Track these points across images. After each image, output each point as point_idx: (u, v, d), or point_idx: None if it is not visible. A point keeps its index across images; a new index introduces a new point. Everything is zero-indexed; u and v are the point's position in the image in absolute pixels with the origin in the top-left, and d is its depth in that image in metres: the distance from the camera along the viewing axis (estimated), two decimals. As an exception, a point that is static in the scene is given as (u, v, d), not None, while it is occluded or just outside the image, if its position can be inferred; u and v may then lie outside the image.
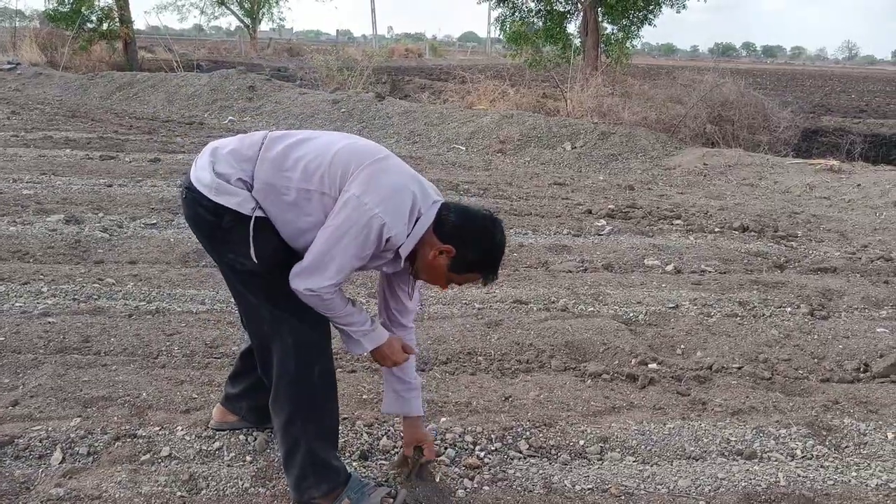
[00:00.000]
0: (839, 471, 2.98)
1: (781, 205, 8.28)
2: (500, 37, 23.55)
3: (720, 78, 13.21)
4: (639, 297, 4.96)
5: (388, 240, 2.22)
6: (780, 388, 3.76)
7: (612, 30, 20.98)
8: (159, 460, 2.86)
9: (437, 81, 20.89)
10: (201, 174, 2.32)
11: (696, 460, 3.03)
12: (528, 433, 3.14)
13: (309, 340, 2.43)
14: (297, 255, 2.34)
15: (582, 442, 3.10)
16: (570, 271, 5.55)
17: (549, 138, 11.46)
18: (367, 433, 3.08)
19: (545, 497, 2.72)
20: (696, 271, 5.65)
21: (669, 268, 5.68)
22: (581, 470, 2.91)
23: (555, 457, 3.00)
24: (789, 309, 4.82)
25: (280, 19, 46.66)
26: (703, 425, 3.27)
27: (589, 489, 2.78)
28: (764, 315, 4.72)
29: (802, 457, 3.08)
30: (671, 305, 4.81)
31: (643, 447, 3.09)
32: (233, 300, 2.52)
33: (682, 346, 4.20)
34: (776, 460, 3.04)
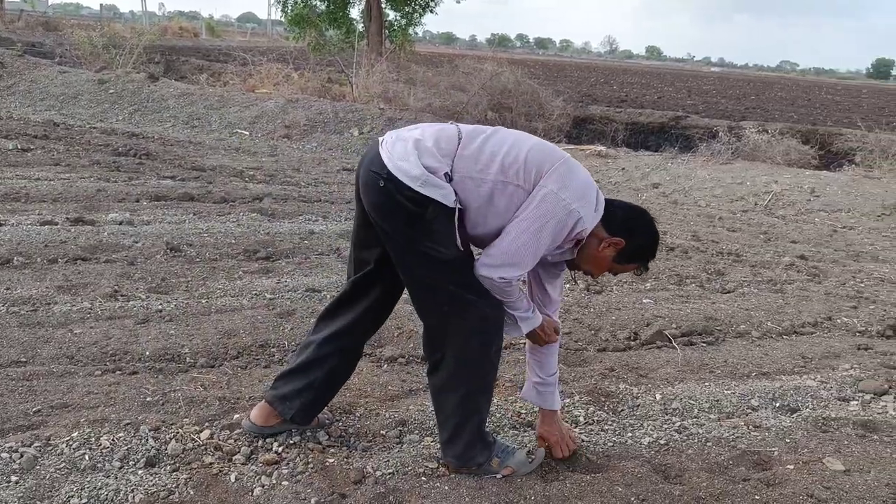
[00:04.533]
0: (617, 433, 3.22)
1: (557, 188, 8.80)
2: (282, 19, 23.01)
3: (499, 67, 13.82)
4: (430, 279, 5.05)
5: (580, 232, 2.44)
6: (563, 359, 3.99)
7: (395, 16, 21.23)
8: None
9: (216, 63, 19.95)
10: (404, 165, 2.40)
11: (491, 435, 3.13)
12: (326, 423, 3.08)
13: (492, 320, 2.60)
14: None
15: (381, 427, 3.09)
16: (363, 257, 5.52)
17: (336, 123, 11.37)
18: (153, 438, 2.86)
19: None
20: (483, 253, 5.86)
21: (458, 250, 5.83)
22: (381, 455, 2.90)
23: (355, 445, 2.97)
24: (568, 285, 5.14)
25: (34, -10, 42.23)
26: (495, 400, 3.38)
27: (390, 473, 2.77)
28: (546, 292, 4.99)
29: (585, 423, 3.29)
30: (461, 287, 4.94)
31: (440, 427, 3.14)
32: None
33: (473, 326, 4.32)
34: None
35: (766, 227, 7.91)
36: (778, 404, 3.59)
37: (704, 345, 4.35)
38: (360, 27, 20.43)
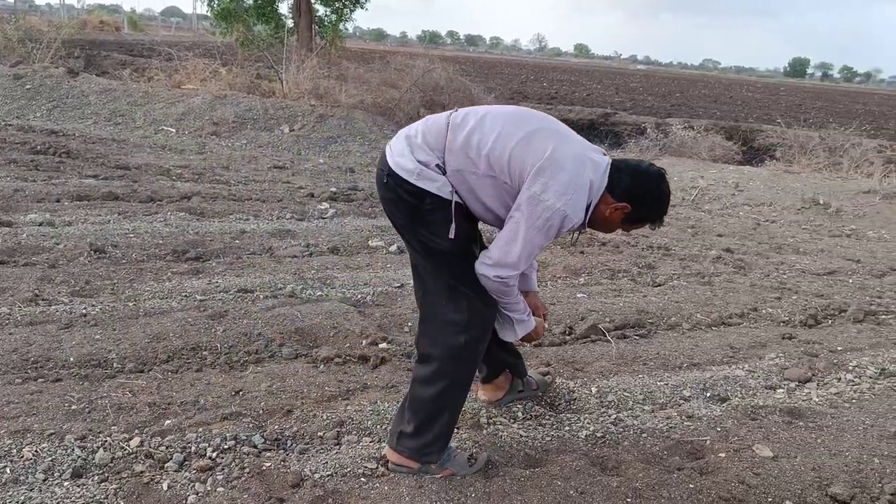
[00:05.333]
0: (555, 427, 3.25)
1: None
2: (208, 13, 22.51)
3: (430, 64, 13.81)
4: (365, 278, 5.01)
5: (570, 227, 2.48)
6: (500, 355, 4.00)
7: (325, 11, 21.02)
8: None
9: (140, 58, 19.41)
10: (401, 160, 2.52)
11: (430, 433, 3.11)
12: (262, 426, 3.02)
13: (483, 318, 2.67)
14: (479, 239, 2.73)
15: (318, 429, 3.04)
16: (296, 256, 5.45)
17: (265, 120, 11.17)
18: (79, 447, 2.75)
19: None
20: (418, 250, 5.84)
21: (393, 248, 5.81)
22: (319, 457, 2.85)
23: (292, 448, 2.91)
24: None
25: (-59, -19, 40.25)
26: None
27: (328, 476, 2.73)
28: (482, 288, 5.00)
29: (524, 418, 3.31)
30: (396, 285, 4.92)
31: (379, 427, 3.11)
32: None
33: (410, 324, 4.30)
34: (501, 424, 3.23)
35: (694, 221, 8.13)
36: (709, 394, 3.68)
37: (637, 338, 4.43)
38: (289, 22, 20.14)
